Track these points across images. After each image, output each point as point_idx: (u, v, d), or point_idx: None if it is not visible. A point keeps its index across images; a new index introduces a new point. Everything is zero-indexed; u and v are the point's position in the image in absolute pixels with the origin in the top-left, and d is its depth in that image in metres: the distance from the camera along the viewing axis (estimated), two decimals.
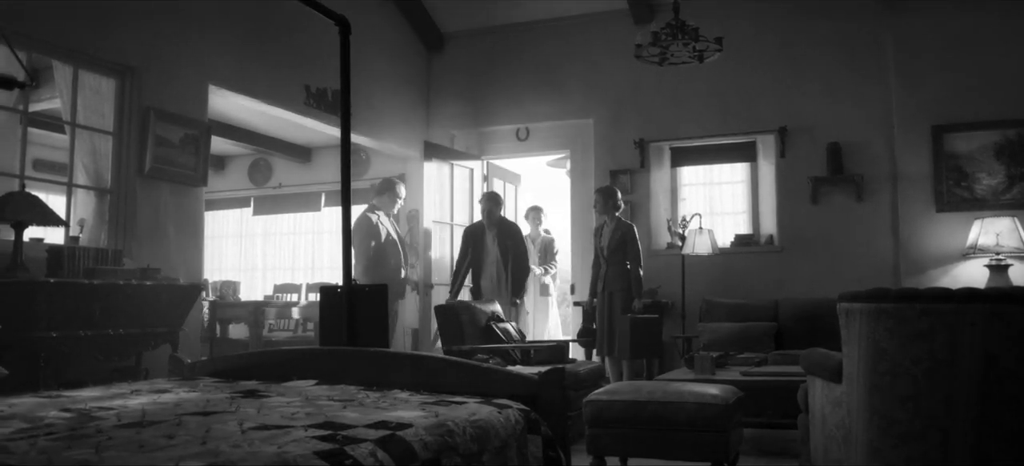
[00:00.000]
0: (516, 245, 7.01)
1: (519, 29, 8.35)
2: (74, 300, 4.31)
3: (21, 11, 4.54)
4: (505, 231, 7.05)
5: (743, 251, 7.42)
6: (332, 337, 3.18)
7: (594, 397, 3.80)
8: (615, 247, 6.63)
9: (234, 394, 2.23)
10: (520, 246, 7.06)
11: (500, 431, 1.99)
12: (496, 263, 6.98)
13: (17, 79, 2.25)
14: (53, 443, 1.45)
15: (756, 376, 4.68)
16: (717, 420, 3.55)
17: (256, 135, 9.33)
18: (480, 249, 7.02)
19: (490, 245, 7.01)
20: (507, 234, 7.03)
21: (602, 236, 6.78)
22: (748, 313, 6.57)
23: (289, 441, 1.50)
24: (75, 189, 5.20)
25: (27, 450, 1.39)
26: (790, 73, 7.31)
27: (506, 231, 7.06)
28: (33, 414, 1.81)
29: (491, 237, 7.02)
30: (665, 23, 5.74)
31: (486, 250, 7.01)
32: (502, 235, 6.99)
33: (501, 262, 6.94)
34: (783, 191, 7.33)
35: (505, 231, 7.05)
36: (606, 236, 6.73)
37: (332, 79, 6.97)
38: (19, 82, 2.24)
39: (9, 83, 2.27)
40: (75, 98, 5.13)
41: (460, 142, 8.67)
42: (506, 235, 7.01)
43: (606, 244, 6.69)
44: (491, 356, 5.08)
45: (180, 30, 5.67)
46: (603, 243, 6.74)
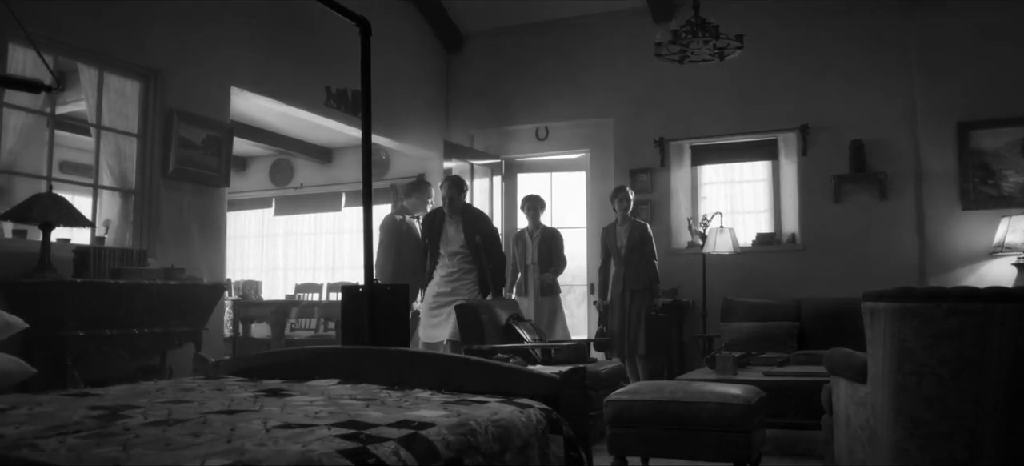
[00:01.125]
0: (486, 236, 6.17)
1: (538, 28, 8.35)
2: (100, 300, 4.36)
3: (48, 15, 4.59)
4: (471, 220, 6.22)
5: (765, 250, 7.37)
6: (354, 336, 3.20)
7: (615, 397, 3.80)
8: (633, 246, 6.62)
9: (258, 393, 2.25)
10: (491, 237, 6.25)
11: (522, 431, 1.99)
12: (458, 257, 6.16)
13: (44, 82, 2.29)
14: (82, 441, 1.47)
15: (779, 376, 4.65)
16: (739, 420, 3.53)
17: (277, 136, 9.39)
18: (437, 241, 6.21)
19: (452, 235, 6.18)
20: (473, 223, 6.19)
21: (617, 236, 6.77)
22: (770, 313, 6.53)
23: (313, 440, 1.51)
24: (101, 190, 5.25)
25: (57, 447, 1.41)
26: (812, 70, 7.26)
27: (472, 220, 6.22)
28: (61, 412, 1.83)
29: (454, 227, 6.20)
30: (685, 21, 5.72)
31: (447, 241, 6.20)
32: (468, 224, 6.16)
33: (468, 255, 6.12)
34: (805, 189, 7.28)
35: (471, 220, 6.22)
36: (622, 236, 6.72)
37: (352, 80, 7.05)
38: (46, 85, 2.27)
39: (36, 86, 2.30)
40: (100, 101, 5.19)
41: (479, 142, 8.68)
42: (472, 224, 6.17)
43: (624, 243, 6.69)
44: (511, 355, 5.08)
45: (203, 33, 5.71)
46: (621, 243, 6.70)
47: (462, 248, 6.11)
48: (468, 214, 6.26)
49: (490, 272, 6.09)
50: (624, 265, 6.65)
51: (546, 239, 7.12)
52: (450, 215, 6.23)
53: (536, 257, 7.05)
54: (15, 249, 4.57)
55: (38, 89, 2.33)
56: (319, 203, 10.54)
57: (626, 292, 6.59)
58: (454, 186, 6.27)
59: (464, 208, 6.27)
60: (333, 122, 7.15)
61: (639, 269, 6.59)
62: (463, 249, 6.10)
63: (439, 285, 6.16)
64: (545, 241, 7.10)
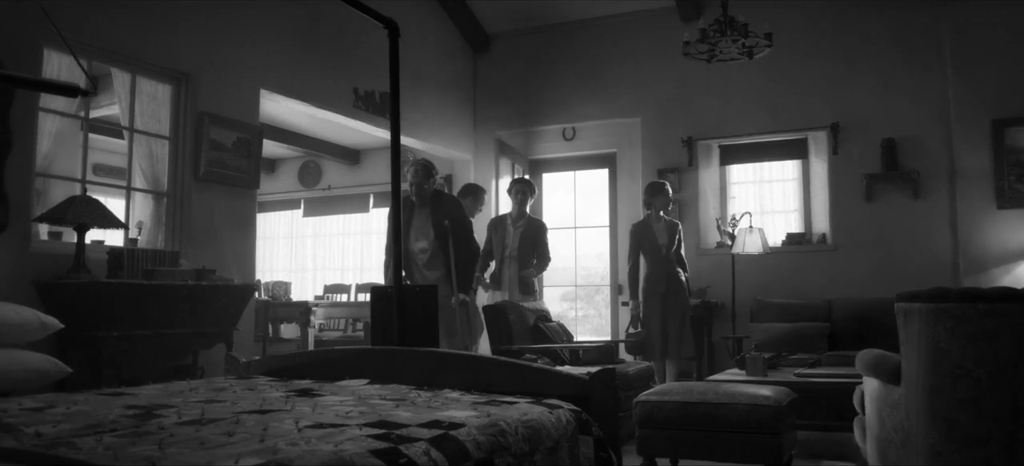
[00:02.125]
0: (456, 223, 5.51)
1: (564, 28, 8.34)
2: (133, 300, 4.41)
3: (82, 21, 4.66)
4: (441, 208, 5.59)
5: (795, 250, 7.30)
6: (383, 337, 3.21)
7: (644, 398, 3.78)
8: (669, 244, 6.44)
9: (289, 393, 2.26)
10: (463, 227, 5.59)
11: (552, 431, 1.99)
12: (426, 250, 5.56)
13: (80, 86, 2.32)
14: (118, 439, 1.49)
15: (810, 377, 4.60)
16: (770, 422, 3.50)
17: (306, 138, 9.48)
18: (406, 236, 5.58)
19: (421, 228, 5.58)
20: (443, 211, 5.56)
21: (655, 234, 6.46)
22: (800, 313, 6.46)
23: (345, 439, 1.51)
24: (133, 192, 5.33)
25: (94, 446, 1.43)
26: (842, 67, 7.18)
27: (442, 208, 5.59)
28: (97, 411, 1.86)
29: (422, 218, 5.57)
30: (713, 19, 5.68)
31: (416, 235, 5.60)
32: (437, 213, 5.55)
33: (437, 247, 5.52)
34: (836, 188, 7.20)
35: (441, 208, 5.59)
36: (662, 234, 6.44)
37: (379, 81, 7.10)
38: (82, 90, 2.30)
39: (73, 90, 2.34)
40: (133, 104, 5.27)
41: (507, 142, 8.69)
42: (442, 212, 5.55)
43: (665, 242, 6.43)
44: (539, 356, 5.07)
45: (233, 37, 5.77)
46: (662, 241, 6.43)
47: (432, 243, 5.53)
48: (438, 202, 5.62)
49: (456, 264, 5.41)
50: (665, 264, 6.41)
51: (531, 229, 6.53)
52: (419, 206, 5.60)
53: (516, 248, 6.49)
54: (51, 250, 4.65)
55: (75, 93, 2.36)
56: (347, 204, 10.62)
57: (668, 293, 6.37)
58: (421, 171, 5.56)
59: (435, 196, 5.64)
60: (361, 124, 7.19)
61: (673, 269, 6.42)
62: (433, 243, 5.52)
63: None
64: (529, 232, 6.52)
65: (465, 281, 5.52)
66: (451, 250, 5.38)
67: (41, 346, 4.00)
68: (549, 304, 6.80)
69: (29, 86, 3.10)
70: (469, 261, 5.59)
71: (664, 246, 6.42)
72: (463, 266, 5.47)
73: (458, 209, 5.69)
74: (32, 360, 3.81)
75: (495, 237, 6.62)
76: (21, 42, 4.30)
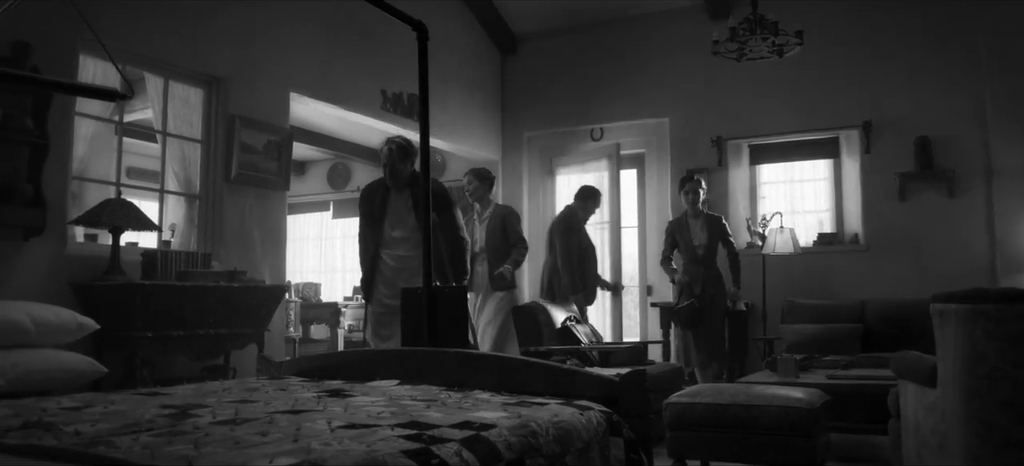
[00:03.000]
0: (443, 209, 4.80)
1: (592, 29, 8.33)
2: (167, 301, 4.47)
3: (117, 26, 4.73)
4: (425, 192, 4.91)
5: (826, 250, 7.23)
6: (413, 338, 3.23)
7: (675, 399, 3.76)
8: (710, 243, 6.23)
9: (321, 393, 2.28)
10: (451, 215, 4.92)
11: (582, 433, 1.98)
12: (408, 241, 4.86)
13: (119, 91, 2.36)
14: (155, 439, 1.51)
15: (843, 379, 4.55)
16: (803, 424, 3.46)
17: (335, 140, 9.54)
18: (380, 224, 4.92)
19: (400, 214, 4.90)
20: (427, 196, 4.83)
21: (691, 232, 6.23)
22: (832, 314, 6.39)
23: (377, 440, 1.52)
24: (166, 195, 5.40)
25: (131, 445, 1.45)
26: (875, 65, 7.09)
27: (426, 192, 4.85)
28: (134, 411, 1.88)
29: (402, 202, 4.91)
30: (743, 18, 5.64)
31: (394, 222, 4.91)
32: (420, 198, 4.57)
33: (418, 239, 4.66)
34: (868, 188, 7.12)
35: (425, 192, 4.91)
36: (698, 231, 6.21)
37: (407, 83, 7.13)
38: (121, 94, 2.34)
39: (112, 95, 2.38)
40: (166, 108, 5.34)
41: (535, 143, 8.69)
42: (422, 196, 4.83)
43: (703, 241, 6.20)
44: (568, 357, 5.07)
45: (263, 41, 5.83)
46: (699, 241, 6.18)
47: (414, 231, 4.76)
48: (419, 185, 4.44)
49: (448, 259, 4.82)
50: (703, 265, 6.19)
51: (497, 219, 5.96)
52: (396, 189, 4.91)
53: (484, 243, 6.04)
54: (87, 253, 4.73)
55: (113, 97, 2.40)
56: None
57: (705, 295, 6.15)
58: (396, 151, 4.85)
59: (413, 178, 4.86)
60: (389, 125, 7.23)
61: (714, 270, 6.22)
62: (416, 231, 4.72)
63: (387, 282, 4.85)
64: (496, 222, 5.95)
65: (459, 274, 4.88)
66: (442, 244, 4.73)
67: (77, 346, 4.07)
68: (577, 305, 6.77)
69: (69, 91, 3.16)
70: (460, 256, 4.92)
71: (701, 247, 6.19)
72: (455, 261, 4.85)
73: (444, 195, 4.93)
74: (70, 360, 3.87)
75: None
76: (58, 48, 4.38)
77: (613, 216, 7.60)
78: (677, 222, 6.41)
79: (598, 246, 7.10)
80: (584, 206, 6.68)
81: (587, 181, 7.16)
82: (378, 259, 4.87)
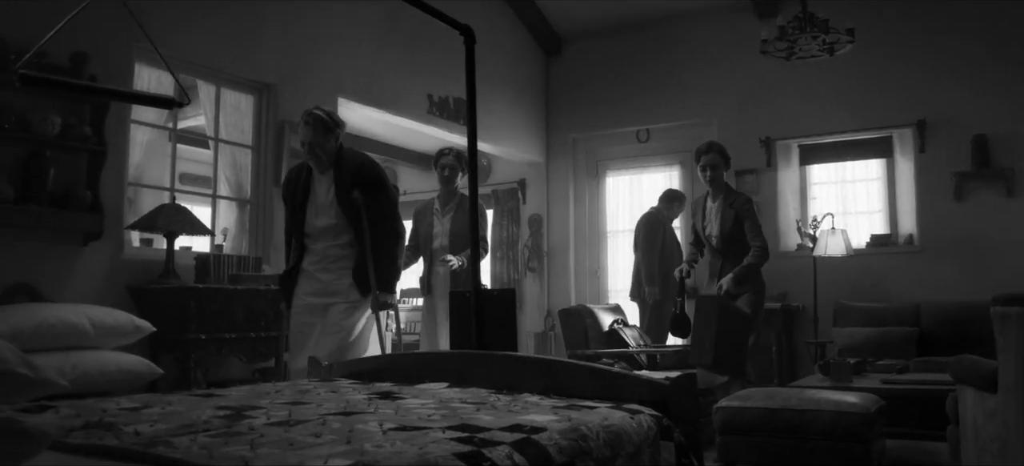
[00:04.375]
0: (370, 193, 3.91)
1: (637, 29, 8.28)
2: (219, 304, 4.56)
3: (171, 34, 4.84)
4: (349, 172, 3.93)
5: (880, 252, 7.08)
6: (462, 340, 3.24)
7: (725, 403, 3.71)
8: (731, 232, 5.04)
9: (371, 395, 2.30)
10: (381, 200, 3.94)
11: (633, 437, 1.96)
12: (332, 230, 3.95)
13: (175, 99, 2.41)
14: (212, 439, 1.54)
15: (899, 384, 4.45)
16: (858, 430, 3.39)
17: (381, 144, 9.61)
18: (302, 212, 4.02)
19: (321, 200, 3.98)
20: (351, 176, 3.92)
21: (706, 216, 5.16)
22: (886, 317, 6.26)
23: (428, 442, 1.53)
24: (218, 200, 5.50)
25: (189, 445, 1.48)
26: (929, 61, 6.92)
27: (350, 172, 3.94)
28: (190, 411, 1.92)
29: (324, 187, 3.99)
30: (792, 16, 5.56)
31: (315, 210, 3.99)
32: (342, 180, 3.91)
33: (344, 227, 3.92)
34: (923, 188, 6.96)
35: (349, 172, 3.93)
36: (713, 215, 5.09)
37: (453, 87, 7.17)
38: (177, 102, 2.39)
39: (169, 102, 2.44)
40: (218, 115, 5.44)
41: (580, 146, 8.66)
42: (349, 178, 3.92)
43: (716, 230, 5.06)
44: (616, 360, 5.04)
45: (312, 48, 5.91)
46: (711, 228, 5.08)
47: (338, 218, 3.93)
48: (343, 164, 3.96)
49: (372, 255, 3.88)
50: (722, 257, 5.10)
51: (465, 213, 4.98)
52: (319, 170, 4.01)
53: (447, 239, 5.12)
54: (142, 257, 4.84)
55: (170, 105, 2.46)
56: None
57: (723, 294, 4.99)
58: (315, 124, 3.93)
59: (339, 157, 3.99)
60: (435, 129, 7.28)
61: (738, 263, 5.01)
62: (340, 219, 3.93)
63: (308, 277, 4.02)
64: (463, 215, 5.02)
65: (386, 276, 3.94)
66: (366, 234, 3.87)
67: (134, 348, 4.17)
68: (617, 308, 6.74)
69: (129, 99, 3.25)
70: (391, 250, 3.96)
71: (714, 236, 5.09)
72: (384, 258, 3.92)
73: (374, 174, 4.02)
74: (127, 362, 3.97)
75: (420, 228, 5.34)
76: (114, 57, 4.50)
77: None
78: (696, 203, 5.42)
79: None
80: (669, 208, 7.02)
81: (636, 183, 7.24)
82: (303, 253, 4.05)
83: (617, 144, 8.57)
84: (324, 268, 3.98)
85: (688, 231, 5.92)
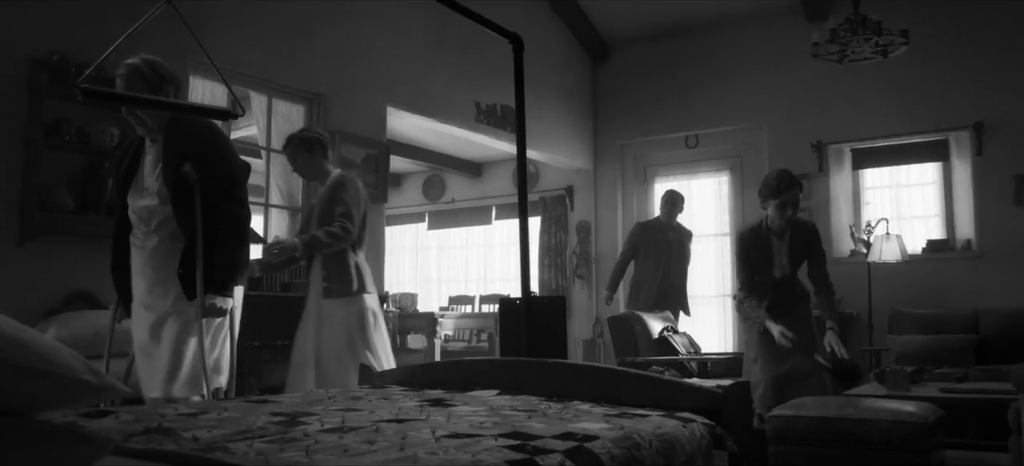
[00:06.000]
0: (204, 159, 3.01)
1: (684, 34, 8.22)
2: (272, 312, 4.63)
3: (226, 47, 4.94)
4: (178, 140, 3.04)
5: (936, 257, 6.91)
6: (512, 348, 3.24)
7: (778, 412, 3.65)
8: (795, 265, 4.29)
9: (422, 402, 2.31)
10: (220, 173, 3.04)
11: (686, 446, 1.94)
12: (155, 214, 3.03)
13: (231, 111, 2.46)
14: (268, 445, 1.56)
15: (958, 393, 4.33)
16: (916, 440, 3.31)
17: (430, 152, 9.70)
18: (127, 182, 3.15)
19: (147, 177, 3.09)
20: (180, 146, 3.03)
21: (774, 247, 4.25)
22: (943, 324, 6.11)
23: (481, 450, 1.53)
24: (270, 209, 5.59)
25: (246, 451, 1.50)
26: (985, 62, 6.75)
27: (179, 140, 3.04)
28: (246, 417, 1.95)
29: (151, 159, 3.09)
30: (843, 18, 5.47)
31: (139, 188, 3.11)
32: (171, 149, 3.02)
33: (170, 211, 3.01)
34: (981, 192, 6.78)
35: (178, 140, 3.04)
36: (784, 254, 4.24)
37: (501, 95, 7.19)
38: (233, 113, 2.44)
39: (226, 114, 2.49)
40: (269, 125, 5.54)
41: (628, 151, 8.62)
42: (178, 148, 3.02)
43: (789, 271, 4.26)
44: (666, 368, 5.00)
45: (362, 58, 5.99)
46: (784, 271, 4.24)
47: (162, 199, 3.01)
48: (176, 131, 3.06)
49: (201, 239, 2.96)
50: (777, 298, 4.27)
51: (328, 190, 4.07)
52: (149, 138, 3.12)
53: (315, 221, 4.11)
54: None
55: (226, 116, 2.51)
56: (470, 217, 10.79)
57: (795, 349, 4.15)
58: (130, 76, 3.00)
59: (171, 124, 3.06)
60: (482, 137, 7.31)
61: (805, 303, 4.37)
62: (165, 200, 3.00)
63: (138, 271, 3.08)
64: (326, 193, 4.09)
65: (219, 273, 3.01)
66: (197, 216, 2.96)
67: None
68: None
69: (187, 111, 3.28)
70: (227, 235, 3.03)
71: (785, 266, 4.26)
72: (218, 246, 3.00)
73: (212, 141, 3.11)
74: None
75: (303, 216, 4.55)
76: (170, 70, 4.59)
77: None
78: (754, 234, 4.33)
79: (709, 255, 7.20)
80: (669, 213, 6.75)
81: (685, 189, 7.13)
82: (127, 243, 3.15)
83: (665, 150, 8.51)
84: (149, 265, 3.03)
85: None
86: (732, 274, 7.99)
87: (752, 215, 7.76)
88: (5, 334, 1.24)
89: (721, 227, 8.28)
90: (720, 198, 8.36)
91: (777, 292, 4.26)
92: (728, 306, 8.08)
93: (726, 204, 8.27)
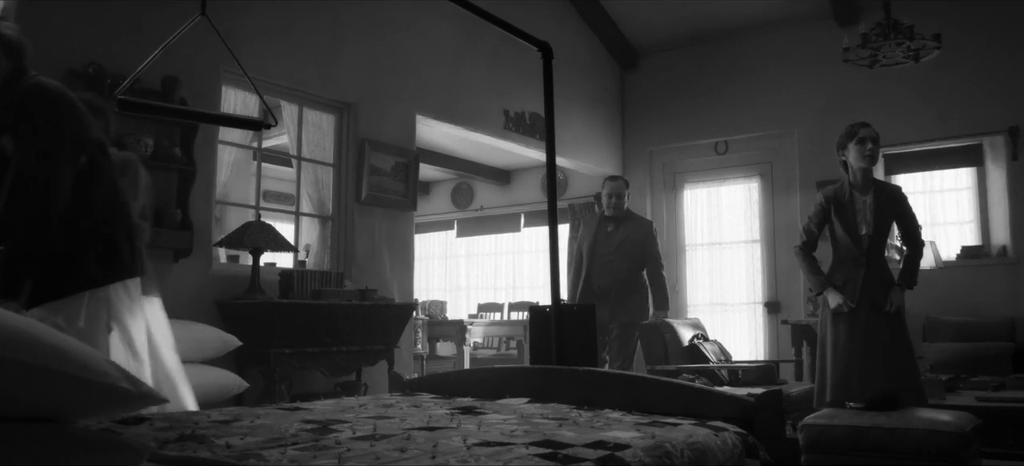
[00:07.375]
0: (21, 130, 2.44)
1: (713, 40, 8.17)
2: (303, 319, 4.67)
3: (257, 57, 5.00)
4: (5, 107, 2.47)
5: (971, 264, 6.80)
6: (542, 356, 3.24)
7: (811, 421, 3.61)
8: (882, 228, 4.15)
9: (453, 410, 2.32)
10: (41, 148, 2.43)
11: (718, 454, 1.93)
12: None
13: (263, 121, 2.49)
14: (300, 452, 1.57)
15: (995, 402, 4.26)
16: (952, 449, 3.26)
17: (459, 160, 9.73)
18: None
19: None
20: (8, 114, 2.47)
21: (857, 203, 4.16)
22: (979, 332, 6.00)
23: (512, 458, 1.53)
24: (301, 217, 5.64)
25: (279, 458, 1.52)
26: (1020, 66, 6.63)
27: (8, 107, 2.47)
28: (278, 425, 1.97)
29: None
30: (874, 23, 5.41)
31: None
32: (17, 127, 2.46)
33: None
34: (1017, 197, 6.66)
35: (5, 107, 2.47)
36: (870, 210, 4.12)
37: (529, 102, 7.20)
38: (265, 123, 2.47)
39: (257, 124, 2.52)
40: (300, 134, 5.59)
41: (657, 158, 8.59)
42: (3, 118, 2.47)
43: (875, 228, 4.10)
44: (697, 376, 4.96)
45: (390, 68, 6.03)
46: (869, 228, 4.09)
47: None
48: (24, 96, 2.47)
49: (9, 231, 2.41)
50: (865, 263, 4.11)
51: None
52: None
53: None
54: (229, 273, 5.00)
55: (258, 127, 2.55)
56: (499, 224, 10.81)
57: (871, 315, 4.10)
58: None
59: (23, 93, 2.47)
60: (511, 145, 7.32)
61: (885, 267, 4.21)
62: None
63: None
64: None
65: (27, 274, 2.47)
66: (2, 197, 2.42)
67: (221, 362, 4.30)
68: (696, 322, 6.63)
69: (221, 122, 3.34)
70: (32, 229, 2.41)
71: (867, 236, 4.11)
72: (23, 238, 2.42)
73: (37, 94, 2.49)
74: (216, 375, 4.10)
75: None
76: (202, 81, 4.67)
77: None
78: (836, 191, 4.29)
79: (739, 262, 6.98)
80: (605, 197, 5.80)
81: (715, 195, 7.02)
82: None
83: (695, 156, 8.46)
84: None
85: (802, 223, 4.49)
86: (763, 282, 7.94)
87: (783, 221, 7.73)
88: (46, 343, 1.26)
89: (751, 234, 8.20)
90: (750, 205, 8.27)
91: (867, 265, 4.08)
92: (759, 314, 8.01)
93: (756, 210, 8.19)
